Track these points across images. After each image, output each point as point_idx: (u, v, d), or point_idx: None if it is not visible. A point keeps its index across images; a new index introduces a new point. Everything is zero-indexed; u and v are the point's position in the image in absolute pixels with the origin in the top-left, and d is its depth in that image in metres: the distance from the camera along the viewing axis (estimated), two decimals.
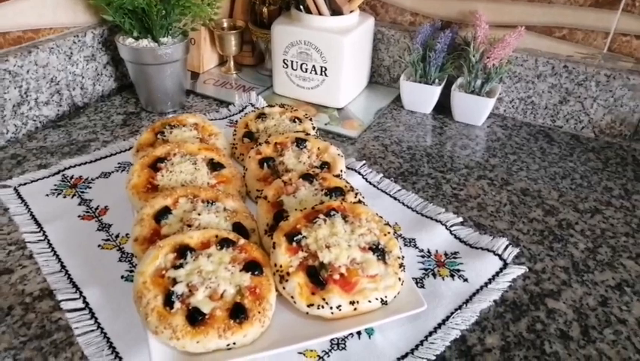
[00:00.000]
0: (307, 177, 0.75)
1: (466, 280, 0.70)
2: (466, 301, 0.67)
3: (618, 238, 0.79)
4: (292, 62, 1.12)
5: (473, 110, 1.08)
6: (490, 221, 0.82)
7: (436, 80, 1.11)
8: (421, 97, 1.12)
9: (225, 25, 1.26)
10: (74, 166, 0.91)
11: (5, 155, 0.94)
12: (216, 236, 0.63)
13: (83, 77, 1.09)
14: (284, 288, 0.60)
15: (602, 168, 0.96)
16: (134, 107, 1.12)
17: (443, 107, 1.12)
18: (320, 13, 1.06)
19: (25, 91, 0.97)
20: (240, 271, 0.60)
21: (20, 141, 0.99)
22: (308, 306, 0.59)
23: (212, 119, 1.07)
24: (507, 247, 0.75)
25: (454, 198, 0.87)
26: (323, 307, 0.59)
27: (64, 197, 0.84)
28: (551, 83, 1.06)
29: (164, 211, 0.69)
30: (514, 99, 1.11)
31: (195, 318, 0.55)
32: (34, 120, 1.01)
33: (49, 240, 0.75)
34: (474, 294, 0.68)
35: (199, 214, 0.68)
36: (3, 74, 0.92)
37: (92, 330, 0.62)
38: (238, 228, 0.69)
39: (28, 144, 0.98)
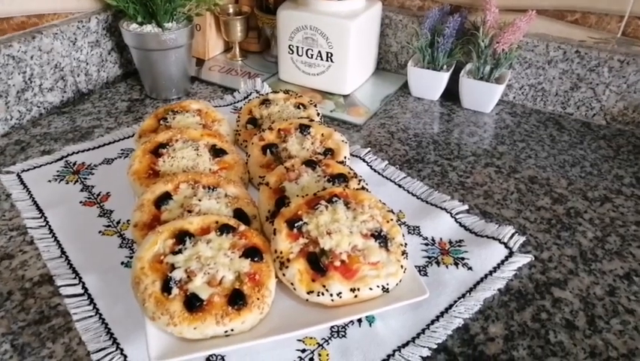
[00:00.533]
0: (310, 163, 0.74)
1: (470, 268, 0.69)
2: (470, 290, 0.66)
3: (628, 227, 0.77)
4: (298, 47, 1.10)
5: (482, 96, 1.06)
6: (497, 209, 0.80)
7: (444, 66, 1.09)
8: (428, 83, 1.10)
9: (231, 10, 1.24)
10: (77, 152, 0.90)
11: (9, 141, 0.94)
12: (216, 222, 0.63)
13: (87, 64, 1.08)
14: (284, 274, 0.60)
15: (613, 156, 0.94)
16: (138, 94, 1.12)
17: (451, 94, 1.10)
18: None
19: (29, 77, 0.97)
20: (240, 257, 0.59)
21: (24, 127, 0.98)
22: (308, 293, 0.58)
23: (216, 106, 1.06)
24: (513, 235, 0.74)
25: (460, 186, 0.85)
26: (323, 294, 0.58)
27: (67, 183, 0.83)
28: (562, 69, 1.03)
29: (165, 197, 0.68)
30: (524, 86, 1.09)
31: (193, 304, 0.54)
32: (39, 107, 1.01)
33: (50, 226, 0.74)
34: (478, 282, 0.67)
35: (200, 200, 0.67)
36: (7, 60, 0.92)
37: (91, 316, 0.61)
38: (239, 214, 0.68)
39: (32, 130, 0.98)
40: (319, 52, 1.08)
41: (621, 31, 0.98)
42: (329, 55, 1.07)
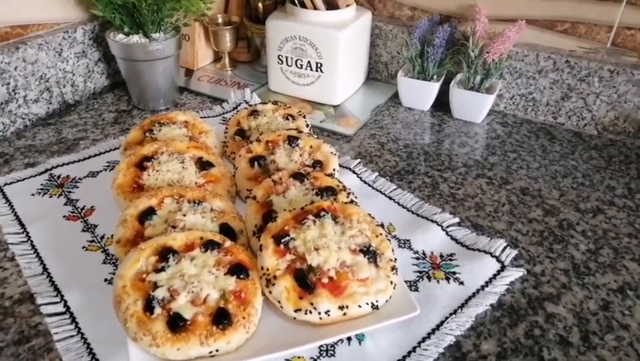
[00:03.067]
0: (298, 176, 0.73)
1: (461, 283, 0.67)
2: (462, 306, 0.64)
3: (621, 239, 0.76)
4: (287, 57, 1.09)
5: (472, 106, 1.05)
6: (488, 221, 0.79)
7: (435, 76, 1.09)
8: (419, 93, 1.09)
9: (220, 20, 1.23)
10: (62, 165, 0.88)
11: None
12: (201, 238, 0.61)
13: (73, 74, 1.07)
14: (270, 292, 0.58)
15: (604, 166, 0.93)
16: (126, 105, 1.10)
17: (442, 104, 1.09)
18: (315, 8, 1.04)
19: (13, 88, 0.95)
20: (225, 274, 0.58)
21: (8, 139, 0.96)
22: (295, 311, 0.57)
23: (205, 117, 1.05)
24: (505, 248, 0.73)
25: (451, 198, 0.84)
26: (311, 312, 0.56)
27: (50, 197, 0.81)
28: (553, 79, 1.03)
29: (149, 212, 0.67)
30: (515, 95, 1.08)
31: (176, 324, 0.53)
32: (23, 118, 0.99)
33: (32, 241, 0.72)
34: (470, 298, 0.65)
35: (184, 215, 0.65)
36: None
37: (72, 335, 0.59)
38: (225, 229, 0.66)
39: (16, 142, 0.96)
40: (309, 62, 1.07)
41: (610, 41, 0.98)
42: (318, 65, 1.06)
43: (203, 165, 0.77)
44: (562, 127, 1.05)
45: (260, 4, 1.18)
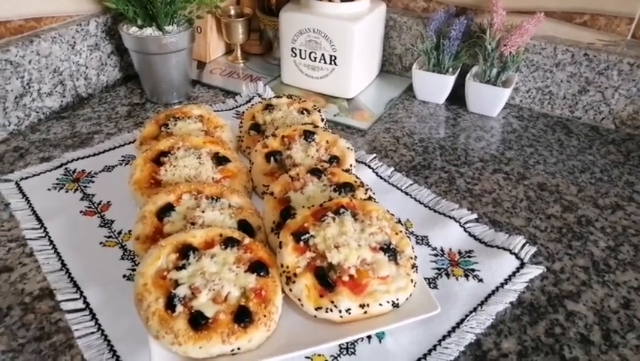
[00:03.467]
0: (315, 172, 0.73)
1: (481, 280, 0.67)
2: (481, 303, 0.64)
3: None
4: (301, 50, 1.08)
5: (488, 100, 1.04)
6: (506, 218, 0.78)
7: (450, 69, 1.07)
8: (434, 87, 1.08)
9: (232, 12, 1.22)
10: (77, 159, 0.89)
11: (7, 148, 0.92)
12: (220, 235, 0.61)
13: (86, 67, 1.06)
14: (291, 290, 0.58)
15: (623, 161, 0.92)
16: (139, 98, 1.10)
17: (457, 98, 1.08)
18: (330, 0, 1.03)
19: (27, 82, 0.95)
20: (245, 272, 0.58)
21: (23, 133, 0.96)
22: (316, 309, 0.57)
23: (218, 111, 1.04)
24: (524, 245, 0.72)
25: (468, 193, 0.83)
26: (331, 310, 0.56)
27: (67, 191, 0.82)
28: (570, 72, 1.01)
29: (167, 208, 0.66)
30: (531, 89, 1.07)
31: (198, 322, 0.53)
32: (37, 112, 0.99)
33: (50, 236, 0.73)
34: (489, 295, 0.65)
35: (203, 212, 0.65)
36: (4, 65, 0.90)
37: (93, 332, 0.60)
38: (243, 225, 0.66)
39: (30, 136, 0.96)
40: (322, 55, 1.06)
41: (631, 34, 0.96)
42: (332, 58, 1.05)
43: (219, 160, 0.77)
44: (579, 121, 1.04)
45: None
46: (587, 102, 1.02)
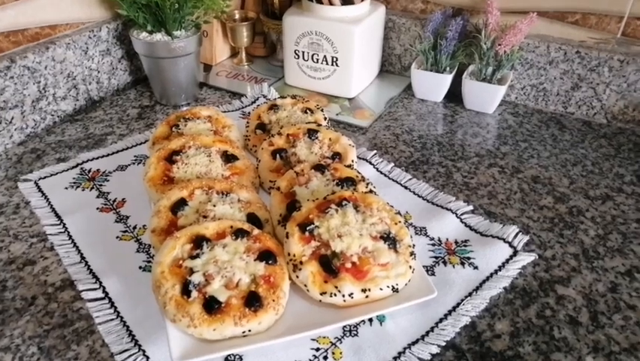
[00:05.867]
0: (319, 167, 0.77)
1: (476, 267, 0.71)
2: (476, 289, 0.68)
3: (629, 225, 0.79)
4: (303, 52, 1.12)
5: (484, 97, 1.08)
6: (501, 209, 0.82)
7: (447, 69, 1.12)
8: (432, 85, 1.12)
9: (237, 16, 1.27)
10: (92, 160, 0.93)
11: (25, 149, 0.97)
12: (231, 227, 0.65)
13: (98, 72, 1.11)
14: (297, 276, 0.62)
15: (614, 154, 0.96)
16: (148, 101, 1.14)
17: (454, 96, 1.12)
18: (331, 3, 1.07)
19: (43, 86, 1.00)
20: (255, 260, 0.62)
21: (39, 135, 1.01)
22: (321, 294, 0.61)
23: (225, 111, 1.09)
24: (517, 234, 0.76)
25: (464, 187, 0.87)
26: (335, 295, 0.60)
27: (83, 190, 0.86)
28: (563, 70, 1.05)
29: (181, 203, 0.71)
30: (526, 86, 1.11)
31: (212, 306, 0.57)
32: (53, 115, 1.04)
33: (69, 232, 0.77)
34: (484, 281, 0.69)
35: (214, 205, 0.69)
36: (22, 71, 0.95)
37: (112, 319, 0.64)
38: (252, 218, 0.71)
39: (46, 138, 1.00)
40: (324, 56, 1.10)
41: (621, 32, 1.00)
42: (334, 59, 1.10)
43: (228, 158, 0.81)
44: (572, 116, 1.08)
45: (276, 0, 1.21)
46: (579, 98, 1.06)
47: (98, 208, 0.82)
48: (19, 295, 0.68)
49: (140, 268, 0.72)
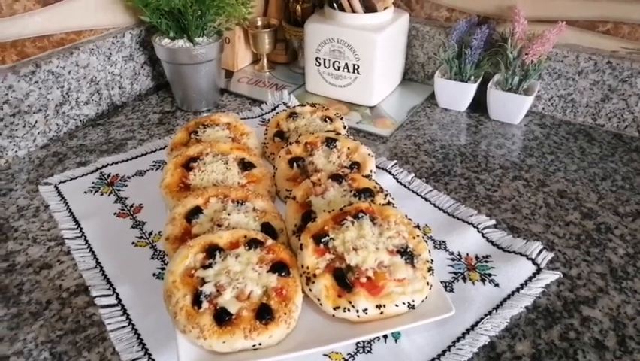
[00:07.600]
0: (336, 177, 0.75)
1: (497, 284, 0.68)
2: (497, 307, 0.65)
3: None
4: (325, 59, 1.11)
5: (510, 108, 1.05)
6: (525, 224, 0.79)
7: (472, 78, 1.09)
8: (455, 95, 1.10)
9: (259, 23, 1.26)
10: (111, 164, 0.93)
11: (47, 153, 0.98)
12: (245, 236, 0.64)
13: (121, 77, 1.12)
14: (310, 290, 0.61)
15: None
16: (169, 106, 1.15)
17: (479, 105, 1.10)
18: (353, 11, 1.06)
19: (66, 91, 1.01)
20: (267, 271, 0.61)
21: (61, 139, 1.02)
22: (334, 308, 0.59)
23: (244, 118, 1.08)
24: (541, 251, 0.73)
25: (487, 200, 0.85)
26: (349, 310, 0.59)
27: (102, 194, 0.86)
28: (593, 80, 1.02)
29: (196, 211, 0.70)
30: (554, 97, 1.07)
31: (222, 318, 0.56)
32: (75, 119, 1.05)
33: (85, 236, 0.77)
34: (505, 299, 0.66)
35: (229, 214, 0.69)
36: (47, 75, 0.96)
37: (124, 326, 0.64)
38: (267, 228, 0.69)
39: (68, 142, 1.01)
40: (346, 64, 1.09)
41: None
42: (355, 67, 1.08)
43: (245, 165, 0.81)
44: (602, 129, 1.04)
45: (298, 7, 1.20)
46: (610, 110, 1.03)
47: (115, 213, 0.82)
48: (35, 299, 0.68)
49: (154, 275, 0.71)
